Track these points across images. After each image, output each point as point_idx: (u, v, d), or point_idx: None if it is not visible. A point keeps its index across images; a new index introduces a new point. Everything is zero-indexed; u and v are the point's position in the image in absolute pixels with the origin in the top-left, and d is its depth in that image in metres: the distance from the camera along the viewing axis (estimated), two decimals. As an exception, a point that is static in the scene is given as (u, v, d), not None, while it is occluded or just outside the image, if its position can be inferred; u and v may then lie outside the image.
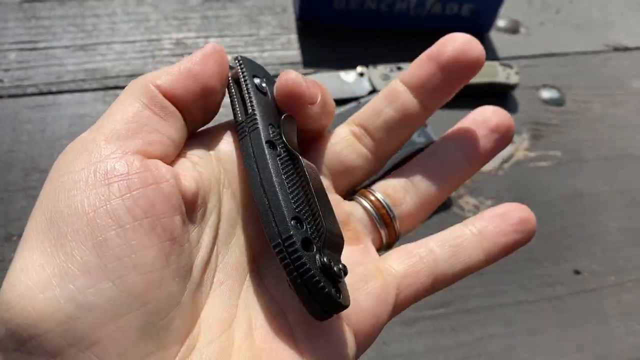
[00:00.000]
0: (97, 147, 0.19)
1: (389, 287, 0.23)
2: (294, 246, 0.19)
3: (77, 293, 0.16)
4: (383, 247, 0.27)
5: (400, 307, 0.24)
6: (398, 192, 0.26)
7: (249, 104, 0.22)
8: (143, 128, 0.20)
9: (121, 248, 0.17)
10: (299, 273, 0.19)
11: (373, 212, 0.25)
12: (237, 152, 0.23)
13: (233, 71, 0.23)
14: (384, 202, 0.25)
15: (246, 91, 0.22)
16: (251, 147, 0.21)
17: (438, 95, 0.25)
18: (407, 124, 0.26)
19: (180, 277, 0.19)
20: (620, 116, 0.58)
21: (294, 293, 0.20)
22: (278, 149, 0.22)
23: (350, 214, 0.25)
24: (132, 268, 0.17)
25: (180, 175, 0.20)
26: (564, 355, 0.43)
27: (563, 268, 0.47)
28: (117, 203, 0.18)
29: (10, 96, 0.50)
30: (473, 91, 0.55)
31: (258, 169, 0.21)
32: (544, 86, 0.59)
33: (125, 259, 0.17)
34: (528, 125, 0.55)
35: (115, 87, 0.51)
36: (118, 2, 0.58)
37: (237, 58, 0.23)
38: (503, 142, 0.26)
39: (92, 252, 0.17)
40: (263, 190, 0.20)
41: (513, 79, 0.55)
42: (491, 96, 0.56)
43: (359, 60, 0.56)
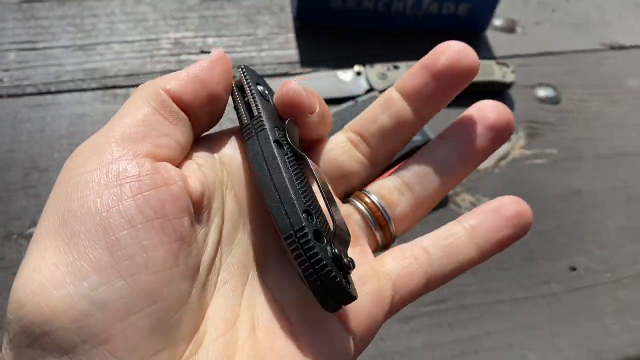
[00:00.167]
0: (109, 149, 0.19)
1: (385, 289, 0.24)
2: (307, 237, 0.19)
3: (91, 290, 0.17)
4: (379, 249, 0.27)
5: (396, 307, 0.24)
6: (393, 194, 0.26)
7: (254, 107, 0.23)
8: (153, 132, 0.20)
9: (133, 247, 0.18)
10: (311, 263, 0.19)
11: (368, 215, 0.26)
12: (241, 155, 0.24)
13: (236, 79, 0.24)
14: (379, 205, 0.25)
15: (251, 96, 0.23)
16: (259, 146, 0.22)
17: (432, 104, 0.25)
18: (402, 132, 0.26)
19: (188, 277, 0.19)
20: (616, 114, 0.59)
21: (305, 285, 0.20)
22: (284, 149, 0.22)
23: (346, 216, 0.25)
24: (144, 267, 0.18)
25: (187, 177, 0.21)
26: (560, 351, 0.43)
27: (559, 265, 0.47)
28: (129, 203, 0.18)
29: (9, 96, 0.50)
30: (469, 90, 0.56)
31: (267, 165, 0.21)
32: (540, 85, 0.59)
33: (137, 258, 0.18)
34: (524, 123, 0.56)
35: (113, 87, 0.52)
36: (116, 2, 0.58)
37: (241, 67, 0.24)
38: (500, 140, 0.26)
39: (105, 251, 0.17)
40: (273, 184, 0.21)
41: (509, 78, 0.56)
42: (487, 95, 0.56)
43: (357, 59, 0.57)
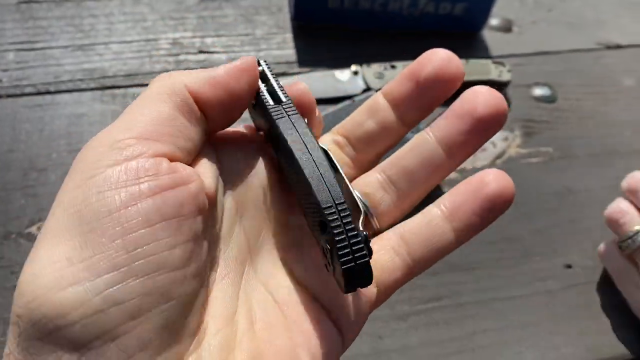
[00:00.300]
0: (128, 146, 0.19)
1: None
2: (347, 211, 0.20)
3: (106, 288, 0.17)
4: None
5: (380, 299, 0.24)
6: (377, 191, 0.26)
7: (282, 93, 0.23)
8: (173, 131, 0.20)
9: (150, 247, 0.18)
10: (349, 236, 0.19)
11: None
12: (232, 151, 0.24)
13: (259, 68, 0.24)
14: (363, 203, 0.26)
15: (276, 84, 0.24)
16: (292, 124, 0.22)
17: (416, 111, 0.25)
18: (387, 137, 0.26)
19: (199, 275, 0.20)
20: (611, 113, 0.59)
21: (325, 256, 0.20)
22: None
23: None
24: (159, 266, 0.18)
25: (202, 174, 0.21)
26: (556, 348, 0.43)
27: (555, 263, 0.48)
28: (148, 202, 0.18)
29: (8, 96, 0.50)
30: (466, 88, 0.56)
31: (304, 142, 0.22)
32: (536, 84, 0.60)
33: (152, 257, 0.18)
34: (520, 122, 0.56)
35: (112, 87, 0.52)
36: (115, 3, 0.59)
37: (261, 59, 0.25)
38: (491, 131, 0.25)
39: (122, 249, 0.17)
40: (312, 159, 0.21)
41: (505, 77, 0.56)
42: (484, 94, 0.57)
43: (354, 59, 0.57)
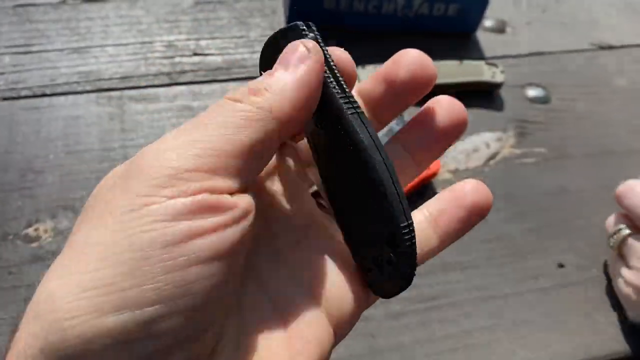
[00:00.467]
0: (192, 181, 0.18)
1: (363, 285, 0.24)
2: (414, 232, 0.21)
3: (148, 320, 0.17)
4: None
5: (371, 302, 0.25)
6: None
7: (343, 82, 0.22)
8: (249, 166, 0.19)
9: (199, 283, 0.17)
10: (412, 253, 0.21)
11: None
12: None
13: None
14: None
15: (337, 70, 0.23)
16: (363, 124, 0.21)
17: (390, 112, 0.26)
18: None
19: (229, 304, 0.20)
20: (604, 113, 0.59)
21: (396, 268, 0.22)
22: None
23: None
24: (203, 304, 0.18)
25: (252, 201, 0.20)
26: (548, 346, 0.44)
27: (547, 261, 0.48)
28: (206, 240, 0.18)
29: (5, 99, 0.51)
30: (459, 90, 0.57)
31: (382, 156, 0.21)
32: (530, 85, 0.60)
33: (199, 295, 0.17)
34: (514, 123, 0.57)
35: (108, 89, 0.52)
36: (111, 6, 0.59)
37: (306, 26, 0.22)
38: (453, 139, 0.25)
39: (170, 284, 0.17)
40: (390, 177, 0.21)
41: (498, 78, 0.57)
42: (477, 94, 0.57)
43: (348, 60, 0.57)
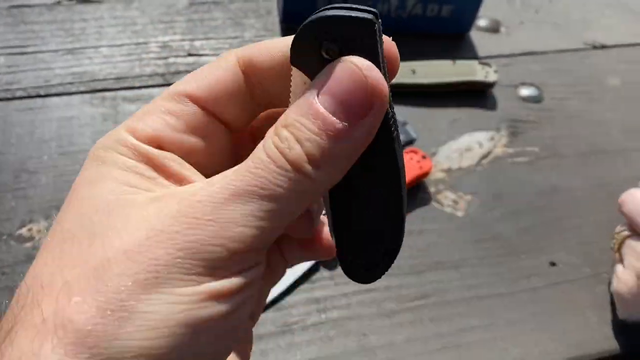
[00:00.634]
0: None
1: None
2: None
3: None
4: None
5: None
6: None
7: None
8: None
9: None
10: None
11: None
12: None
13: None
14: None
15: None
16: (397, 140, 0.20)
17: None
18: None
19: None
20: (597, 113, 0.60)
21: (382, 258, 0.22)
22: None
23: None
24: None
25: None
26: (540, 344, 0.44)
27: (540, 260, 0.48)
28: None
29: (-1, 100, 0.51)
30: (452, 89, 0.57)
31: (402, 180, 0.20)
32: (523, 84, 0.60)
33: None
34: (506, 122, 0.57)
35: (102, 90, 0.53)
36: (106, 7, 0.59)
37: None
38: None
39: None
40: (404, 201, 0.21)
41: (491, 77, 0.57)
42: (470, 94, 0.58)
43: (342, 60, 0.58)
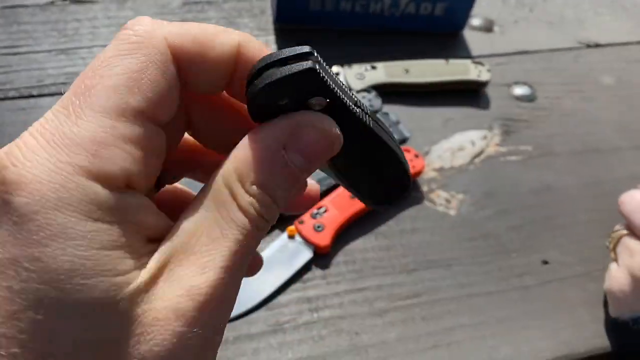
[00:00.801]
0: None
1: None
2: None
3: None
4: None
5: None
6: None
7: (349, 92, 0.21)
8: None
9: None
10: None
11: None
12: None
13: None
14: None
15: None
16: (384, 131, 0.22)
17: None
18: None
19: None
20: (590, 111, 0.60)
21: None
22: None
23: None
24: None
25: None
26: (531, 343, 0.44)
27: (531, 259, 0.48)
28: None
29: (-8, 100, 0.51)
30: (445, 89, 0.57)
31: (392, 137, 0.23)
32: (516, 83, 0.61)
33: None
34: (499, 121, 0.57)
35: (95, 90, 0.53)
36: (99, 7, 0.59)
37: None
38: None
39: None
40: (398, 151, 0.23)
41: (484, 76, 0.57)
42: (463, 93, 0.58)
43: (336, 60, 0.58)
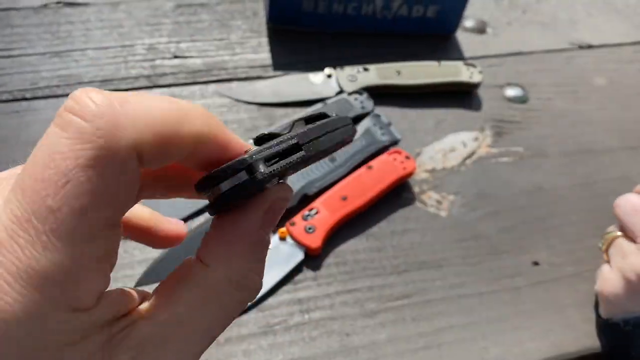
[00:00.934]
0: None
1: None
2: None
3: None
4: None
5: None
6: None
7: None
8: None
9: None
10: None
11: None
12: None
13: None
14: None
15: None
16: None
17: None
18: None
19: None
20: (582, 112, 0.60)
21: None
22: None
23: None
24: None
25: None
26: (521, 344, 0.44)
27: (522, 260, 0.49)
28: None
29: (-15, 103, 0.51)
30: (437, 90, 0.57)
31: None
32: (509, 84, 0.61)
33: None
34: (491, 122, 0.57)
35: (88, 92, 0.53)
36: (92, 10, 0.60)
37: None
38: None
39: None
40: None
41: (476, 78, 0.57)
42: (455, 95, 0.58)
43: (328, 62, 0.58)
